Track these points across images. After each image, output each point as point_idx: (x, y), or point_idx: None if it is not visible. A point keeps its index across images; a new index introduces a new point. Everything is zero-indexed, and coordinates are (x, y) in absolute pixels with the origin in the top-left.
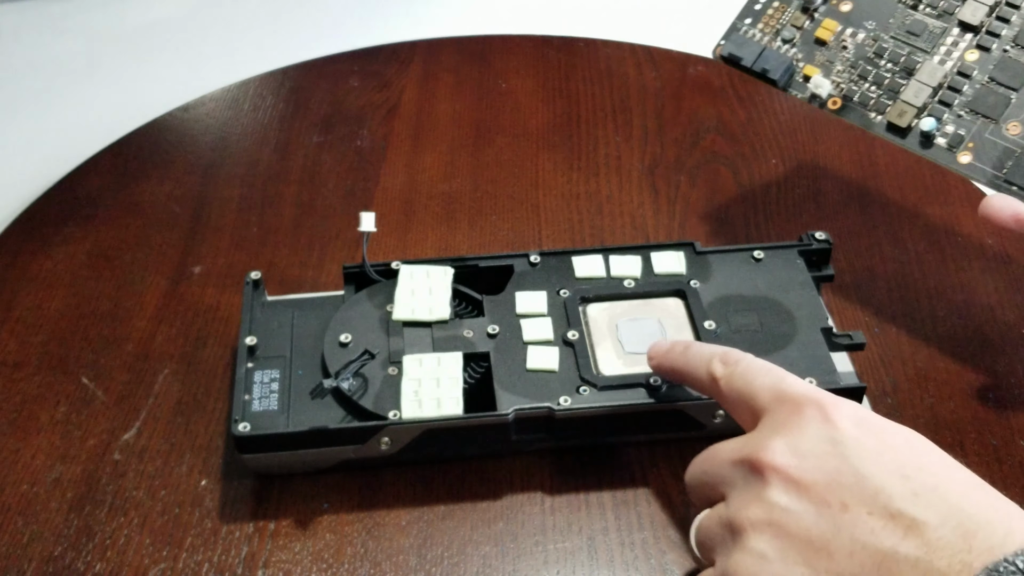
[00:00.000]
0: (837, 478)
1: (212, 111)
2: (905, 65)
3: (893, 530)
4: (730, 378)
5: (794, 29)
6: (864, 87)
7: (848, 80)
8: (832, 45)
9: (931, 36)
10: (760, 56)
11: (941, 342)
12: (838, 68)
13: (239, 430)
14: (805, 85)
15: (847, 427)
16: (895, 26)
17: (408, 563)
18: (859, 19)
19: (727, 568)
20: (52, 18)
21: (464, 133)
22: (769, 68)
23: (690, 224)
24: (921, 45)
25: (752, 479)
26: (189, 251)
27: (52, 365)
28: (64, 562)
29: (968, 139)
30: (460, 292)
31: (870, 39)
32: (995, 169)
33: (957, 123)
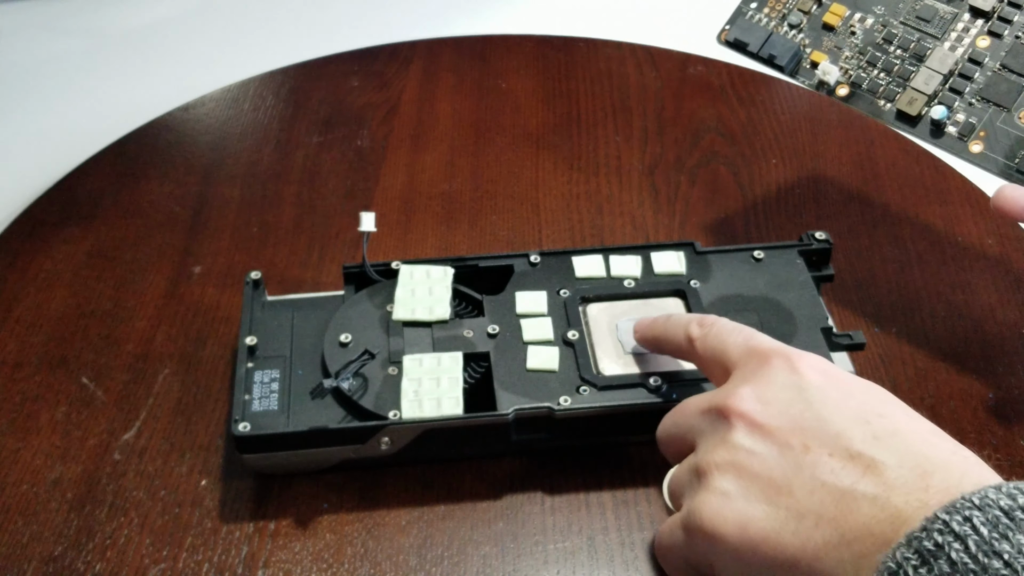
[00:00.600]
0: (800, 422)
1: (212, 111)
2: (915, 51)
3: (852, 469)
4: (704, 338)
5: (801, 14)
6: (873, 74)
7: (856, 67)
8: (840, 31)
9: (941, 22)
10: (767, 41)
11: (941, 342)
12: (846, 54)
13: (239, 430)
14: (812, 72)
15: (812, 376)
16: (905, 11)
17: (408, 563)
18: (868, 4)
19: (691, 507)
20: (52, 18)
21: (464, 133)
22: (776, 54)
23: (690, 224)
24: (931, 31)
25: (719, 424)
26: (189, 251)
27: (52, 365)
28: (64, 562)
29: (980, 128)
30: (460, 292)
31: (879, 24)
32: (1007, 159)
33: (968, 111)
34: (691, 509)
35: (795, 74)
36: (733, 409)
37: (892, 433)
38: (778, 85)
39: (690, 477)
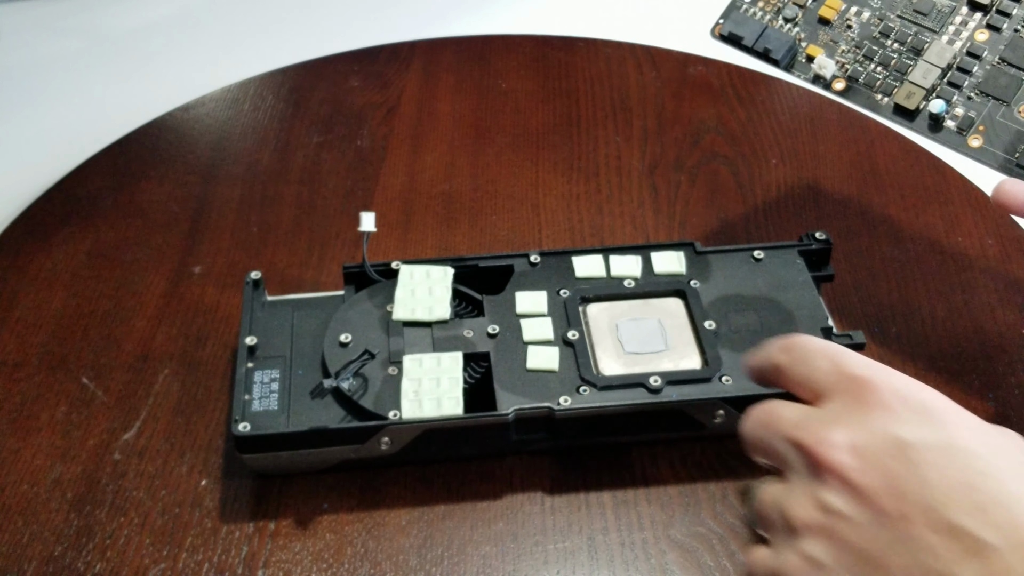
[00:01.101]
0: (899, 485)
1: (212, 111)
2: (912, 45)
3: (954, 550)
4: (791, 366)
5: (796, 7)
6: (870, 68)
7: (853, 61)
8: (836, 24)
9: (939, 15)
10: (762, 35)
11: (941, 342)
12: (842, 48)
13: (239, 430)
14: (808, 66)
15: (910, 419)
16: (902, 4)
17: (408, 563)
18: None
19: (781, 565)
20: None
21: (464, 133)
22: (771, 48)
23: (690, 224)
24: (929, 24)
25: (810, 473)
26: (189, 251)
27: (52, 365)
28: (64, 562)
29: (979, 122)
30: (460, 292)
31: (876, 18)
32: (1007, 153)
33: (967, 106)
34: (781, 568)
35: (790, 68)
36: (825, 461)
37: (998, 501)
38: (778, 85)
39: (780, 521)
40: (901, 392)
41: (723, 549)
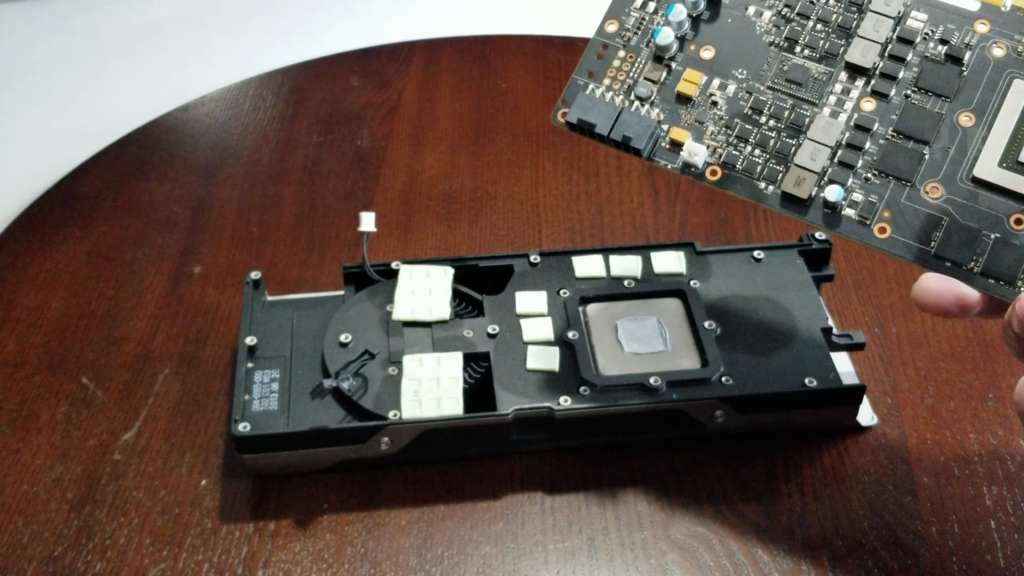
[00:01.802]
0: None
1: (212, 111)
2: (792, 121)
3: None
4: None
5: (650, 84)
6: (746, 151)
7: (725, 143)
8: (699, 101)
9: (816, 84)
10: (617, 121)
11: (941, 342)
12: (711, 129)
13: (239, 430)
14: (675, 154)
15: None
16: (771, 74)
17: (408, 563)
18: (726, 68)
19: None
20: (52, 18)
21: (464, 133)
22: (631, 135)
23: (690, 224)
24: (806, 96)
25: None
26: (189, 251)
27: (52, 365)
28: (64, 562)
29: (882, 207)
30: (460, 292)
31: (743, 91)
32: (920, 242)
33: (866, 188)
34: None
35: (653, 157)
36: None
37: None
38: None
39: None
40: None
41: (723, 549)
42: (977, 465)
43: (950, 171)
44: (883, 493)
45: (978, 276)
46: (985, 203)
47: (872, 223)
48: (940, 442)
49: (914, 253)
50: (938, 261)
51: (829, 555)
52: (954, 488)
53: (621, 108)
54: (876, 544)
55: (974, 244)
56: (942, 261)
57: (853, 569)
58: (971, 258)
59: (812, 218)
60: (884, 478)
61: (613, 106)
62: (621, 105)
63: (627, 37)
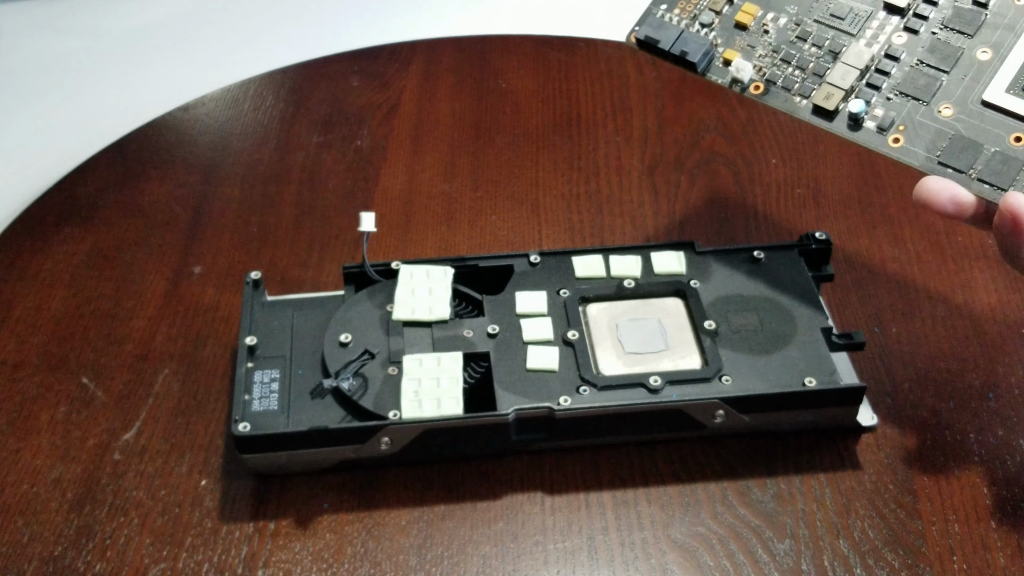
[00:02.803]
0: None
1: (212, 111)
2: (830, 48)
3: None
4: None
5: (712, 13)
6: (788, 71)
7: (771, 64)
8: (753, 29)
9: (856, 19)
10: (678, 39)
11: (941, 342)
12: (760, 52)
13: (239, 430)
14: (725, 70)
15: None
16: (819, 9)
17: (408, 563)
18: (781, 3)
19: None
20: (52, 18)
21: (464, 133)
22: (688, 51)
23: (690, 224)
24: (846, 28)
25: None
26: (189, 251)
27: (52, 365)
28: (64, 562)
29: (899, 122)
30: (460, 292)
31: (792, 23)
32: (928, 152)
33: (887, 106)
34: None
35: (707, 72)
36: None
37: None
38: None
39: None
40: None
41: (723, 549)
42: (977, 465)
43: (963, 95)
44: (883, 493)
45: (975, 181)
46: (990, 123)
47: (888, 134)
48: (940, 442)
49: (920, 160)
50: (941, 168)
51: (829, 555)
52: (954, 488)
53: (683, 30)
54: (876, 544)
55: (975, 155)
56: (945, 168)
57: (853, 569)
58: (971, 166)
59: (836, 127)
60: (884, 478)
61: (678, 28)
62: (684, 27)
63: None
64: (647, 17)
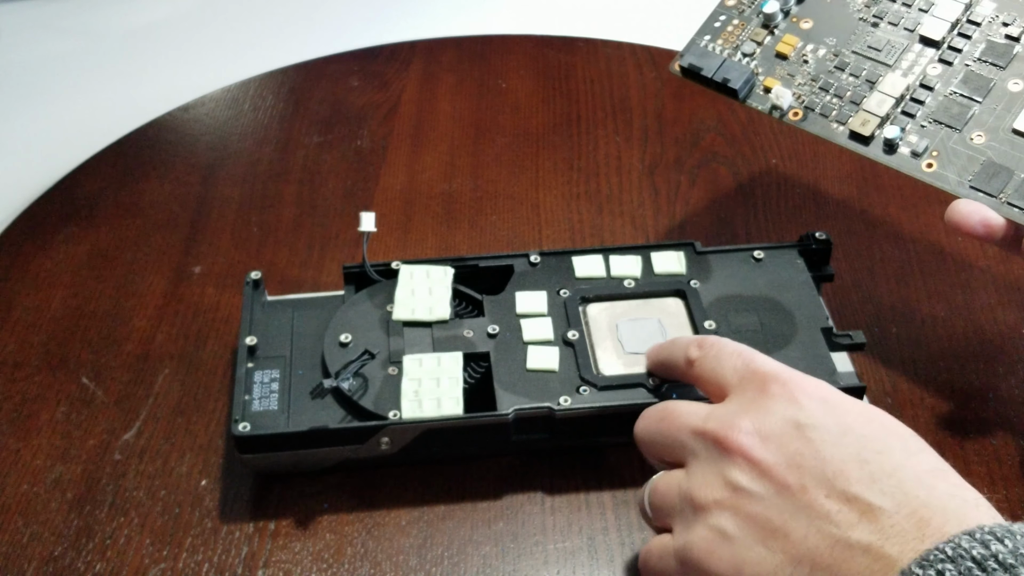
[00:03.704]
0: (798, 460)
1: (212, 111)
2: (867, 78)
3: (848, 514)
4: (702, 360)
5: (754, 44)
6: (826, 99)
7: (809, 92)
8: (793, 59)
9: (893, 51)
10: (721, 66)
11: (941, 342)
12: (799, 81)
13: (239, 430)
14: (766, 97)
15: (811, 408)
16: (856, 42)
17: (408, 563)
18: (820, 36)
19: (688, 541)
20: (52, 18)
21: (464, 133)
22: (730, 78)
23: (690, 224)
24: (883, 59)
25: (716, 455)
26: (189, 251)
27: (52, 365)
28: (64, 562)
29: (932, 148)
30: (460, 292)
31: (831, 54)
32: (959, 176)
33: (920, 133)
34: (688, 543)
35: (747, 99)
36: (732, 444)
37: (890, 473)
38: None
39: (682, 505)
40: (804, 386)
41: None
42: (977, 465)
43: (994, 124)
44: None
45: (1005, 205)
46: (1021, 150)
47: (922, 159)
48: (940, 442)
49: (952, 185)
50: (973, 191)
51: None
52: None
53: (726, 58)
54: None
55: (1006, 180)
56: (976, 191)
57: None
58: (1001, 191)
59: (872, 152)
60: None
61: (720, 57)
62: (727, 56)
63: (741, 9)
64: (691, 47)
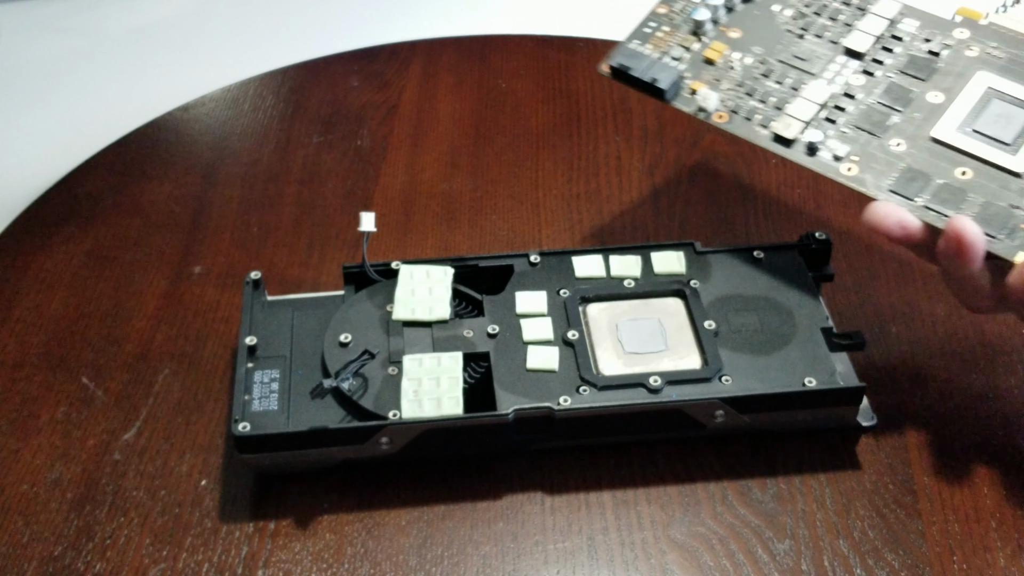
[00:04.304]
0: None
1: (212, 111)
2: (792, 85)
3: None
4: None
5: (683, 50)
6: (751, 103)
7: (735, 96)
8: (720, 65)
9: (817, 61)
10: (649, 67)
11: (941, 342)
12: (725, 86)
13: (239, 430)
14: (692, 99)
15: None
16: (782, 51)
17: (408, 563)
18: (747, 44)
19: None
20: (52, 18)
21: (464, 133)
22: (658, 78)
23: (690, 224)
24: (808, 68)
25: None
26: (189, 251)
27: (52, 365)
28: (64, 562)
29: (853, 152)
30: (460, 292)
31: (758, 62)
32: (878, 180)
33: (842, 138)
34: None
35: (674, 100)
36: None
37: None
38: None
39: None
40: None
41: (723, 549)
42: (977, 465)
43: (914, 132)
44: (883, 493)
45: (922, 208)
46: (939, 157)
47: (842, 163)
48: (940, 442)
49: (871, 188)
50: (891, 195)
51: (829, 555)
52: (954, 488)
53: (655, 60)
54: (876, 544)
55: (924, 185)
56: (895, 195)
57: (853, 569)
58: (919, 194)
59: (793, 154)
60: (884, 478)
61: (650, 58)
62: (656, 58)
63: (672, 17)
64: (621, 48)
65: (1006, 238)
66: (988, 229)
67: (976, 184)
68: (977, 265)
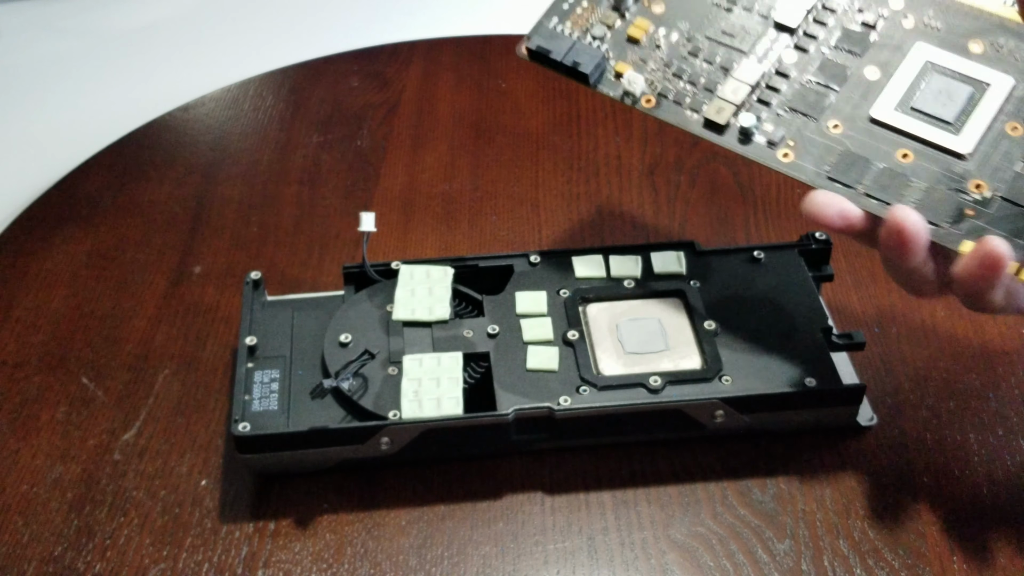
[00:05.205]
0: None
1: (212, 111)
2: (721, 64)
3: None
4: None
5: (604, 27)
6: (679, 85)
7: (663, 78)
8: (645, 44)
9: (748, 37)
10: (570, 50)
11: (941, 342)
12: (651, 67)
13: (239, 430)
14: (617, 83)
15: None
16: (710, 27)
17: (408, 563)
18: (672, 20)
19: None
20: (52, 18)
21: (464, 133)
22: (580, 61)
23: (690, 224)
24: (737, 45)
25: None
26: (189, 251)
27: (52, 365)
28: (64, 562)
29: (789, 137)
30: (460, 292)
31: (684, 39)
32: (817, 167)
33: (777, 121)
34: None
35: (598, 84)
36: None
37: None
38: None
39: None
40: None
41: (723, 549)
42: (977, 465)
43: (851, 112)
44: (883, 493)
45: (863, 196)
46: (878, 139)
47: (778, 149)
48: (940, 442)
49: (809, 175)
50: (831, 183)
51: (829, 555)
52: (954, 488)
53: (576, 41)
54: (876, 544)
55: (864, 170)
56: (834, 183)
57: (853, 569)
58: (859, 181)
59: (727, 141)
60: (884, 478)
61: (570, 39)
62: (576, 39)
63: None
64: (539, 28)
65: (950, 226)
66: (932, 216)
67: (918, 168)
68: (920, 257)
